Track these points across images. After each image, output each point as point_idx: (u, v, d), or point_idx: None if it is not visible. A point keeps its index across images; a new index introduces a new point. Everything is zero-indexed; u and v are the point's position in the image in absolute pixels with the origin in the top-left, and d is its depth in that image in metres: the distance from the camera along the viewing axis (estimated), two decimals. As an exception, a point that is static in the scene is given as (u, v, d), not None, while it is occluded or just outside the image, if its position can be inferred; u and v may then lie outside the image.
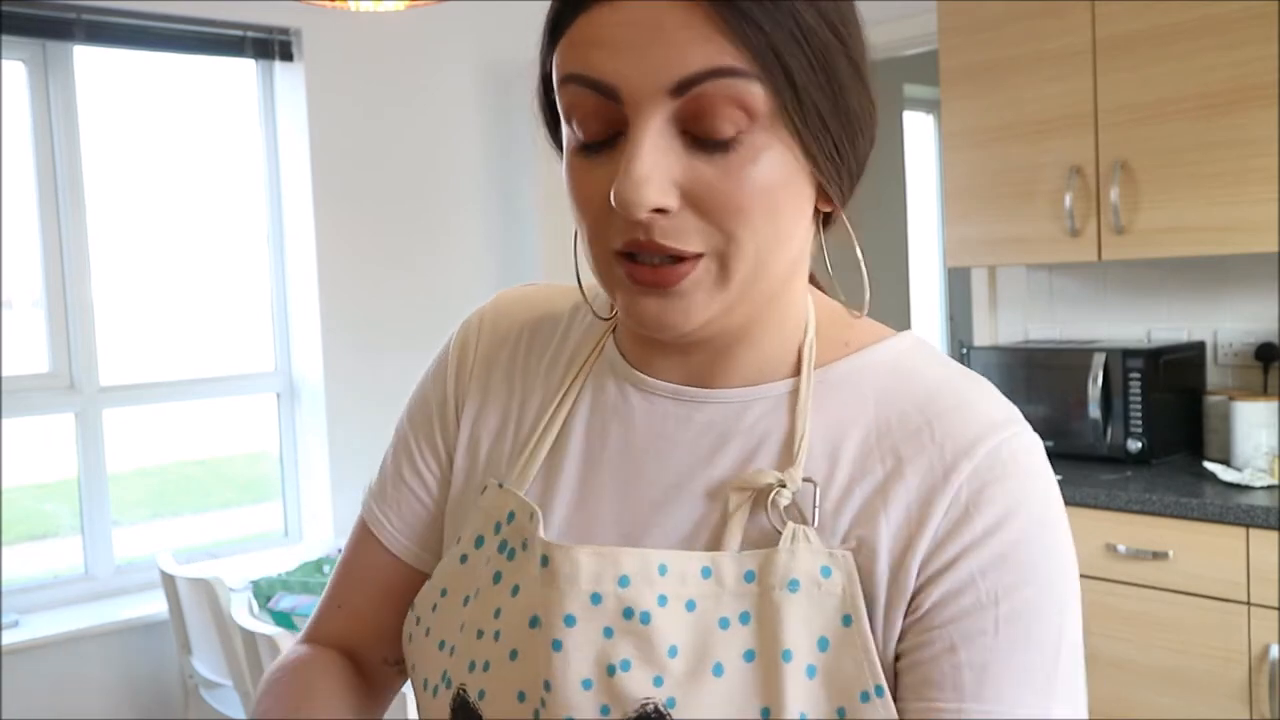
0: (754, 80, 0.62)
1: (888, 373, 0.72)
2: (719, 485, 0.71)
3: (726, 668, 0.66)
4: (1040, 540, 0.67)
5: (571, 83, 0.65)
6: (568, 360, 0.80)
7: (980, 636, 0.65)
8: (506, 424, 0.80)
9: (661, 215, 0.64)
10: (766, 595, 0.66)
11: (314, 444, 3.52)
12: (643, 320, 0.67)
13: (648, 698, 0.66)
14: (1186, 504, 2.41)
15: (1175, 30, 2.62)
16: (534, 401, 0.79)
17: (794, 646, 0.65)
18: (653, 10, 0.62)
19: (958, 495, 0.66)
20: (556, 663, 0.67)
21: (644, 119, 0.63)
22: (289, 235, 3.53)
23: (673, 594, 0.67)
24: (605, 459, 0.75)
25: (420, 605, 0.79)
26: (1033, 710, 0.64)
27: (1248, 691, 2.35)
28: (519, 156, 3.81)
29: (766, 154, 0.64)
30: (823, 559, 0.66)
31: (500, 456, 0.79)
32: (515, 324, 0.84)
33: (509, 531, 0.74)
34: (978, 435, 0.68)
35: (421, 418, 0.85)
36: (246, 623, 2.32)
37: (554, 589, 0.69)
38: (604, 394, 0.77)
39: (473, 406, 0.82)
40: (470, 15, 3.64)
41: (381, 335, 3.55)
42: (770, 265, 0.67)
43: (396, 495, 0.85)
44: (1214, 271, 2.94)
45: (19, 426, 3.13)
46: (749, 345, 0.72)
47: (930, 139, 5.27)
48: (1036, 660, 0.65)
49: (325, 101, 3.43)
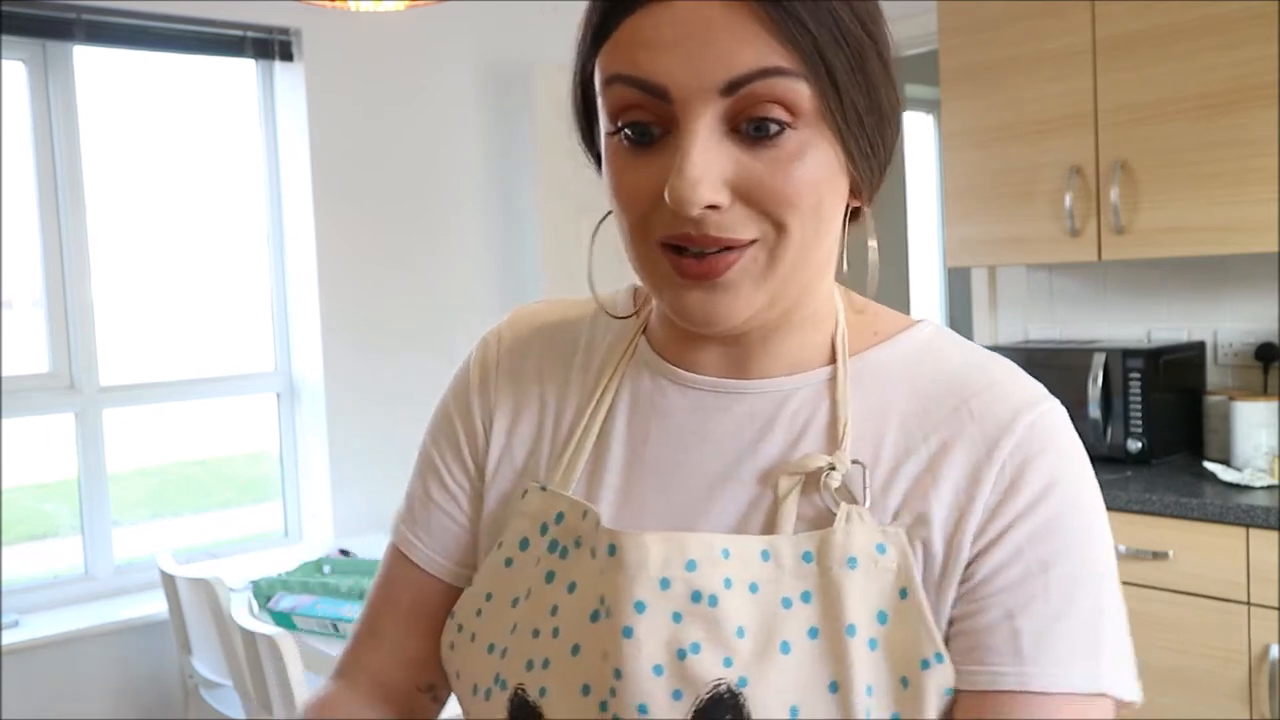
0: (800, 79, 0.64)
1: (917, 359, 0.75)
2: (767, 471, 0.73)
3: (793, 645, 0.68)
4: (1079, 509, 0.70)
5: (619, 82, 0.67)
6: (600, 363, 0.81)
7: (1032, 603, 0.67)
8: (542, 431, 0.81)
9: (713, 211, 0.66)
10: (826, 574, 0.69)
11: (314, 444, 3.52)
12: (689, 314, 0.69)
13: (719, 679, 0.67)
14: (1186, 504, 2.41)
15: (1175, 30, 2.62)
16: (569, 406, 0.81)
17: (856, 621, 0.68)
18: (701, 11, 0.64)
19: (1003, 469, 0.69)
20: (628, 650, 0.68)
21: (694, 118, 0.65)
22: (289, 235, 3.53)
23: (736, 577, 0.69)
24: (648, 454, 0.76)
25: (462, 612, 0.79)
26: (1085, 672, 0.67)
27: (1248, 691, 2.35)
28: (519, 156, 3.81)
29: (811, 149, 0.66)
30: (877, 536, 0.69)
31: (538, 462, 0.80)
32: (536, 335, 0.85)
33: (558, 531, 0.75)
34: (1015, 411, 0.71)
35: (447, 436, 0.85)
36: (246, 623, 2.32)
37: (622, 576, 0.70)
38: (641, 391, 0.79)
39: (504, 419, 0.83)
40: (470, 15, 3.64)
41: (381, 335, 3.55)
42: (811, 257, 0.70)
43: (426, 515, 0.85)
44: (1214, 271, 2.94)
45: (19, 426, 3.13)
46: (784, 336, 0.75)
47: (930, 139, 5.27)
48: (1082, 624, 0.68)
49: (325, 101, 3.43)
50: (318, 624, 2.41)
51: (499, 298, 3.80)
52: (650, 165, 0.67)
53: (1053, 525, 0.68)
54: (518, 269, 3.84)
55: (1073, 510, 0.69)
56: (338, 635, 2.38)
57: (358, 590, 2.50)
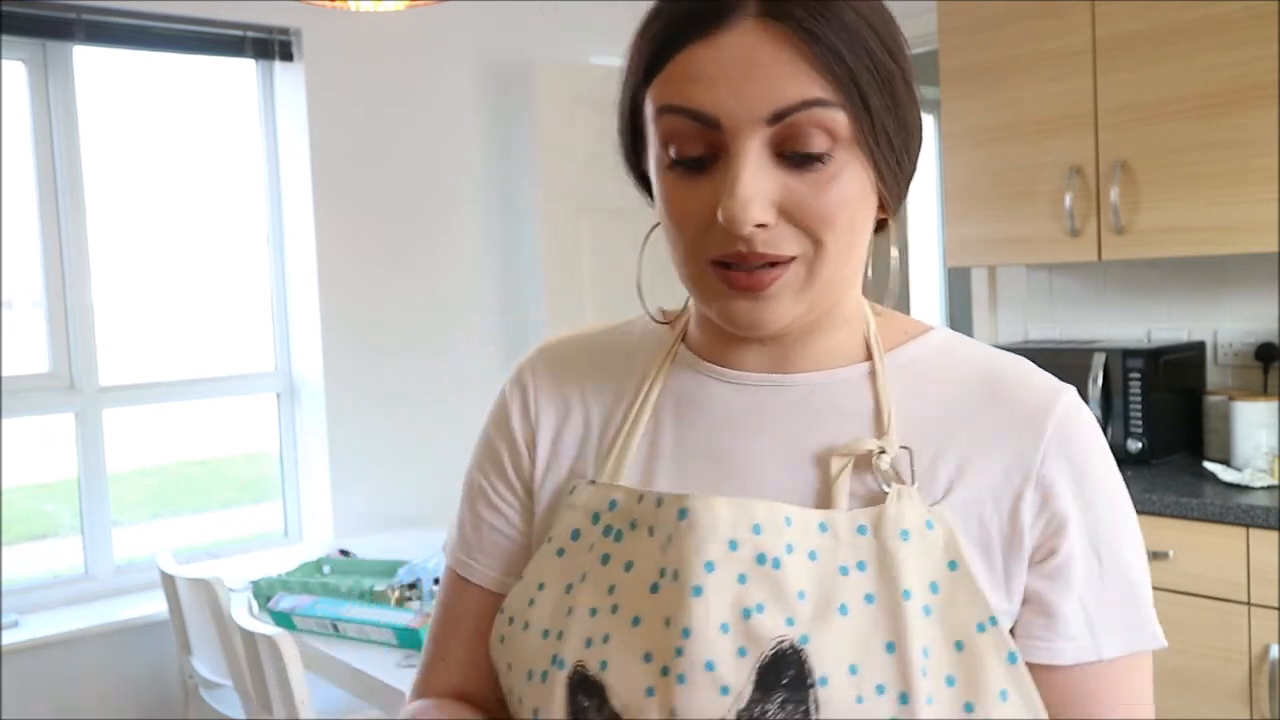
0: (838, 109, 0.72)
1: (947, 354, 0.83)
2: (818, 454, 0.79)
3: (851, 608, 0.73)
4: (1117, 483, 0.79)
5: (671, 113, 0.73)
6: (642, 368, 0.87)
7: (1096, 580, 0.76)
8: (588, 436, 0.86)
9: (761, 230, 0.72)
10: (882, 545, 0.74)
11: (314, 444, 3.52)
12: (736, 320, 0.76)
13: (782, 637, 0.72)
14: (1186, 504, 2.41)
15: (1175, 30, 2.62)
16: (615, 408, 0.86)
17: (911, 587, 0.73)
18: (746, 48, 0.71)
19: (1048, 449, 0.77)
20: (697, 608, 0.72)
21: (743, 145, 0.72)
22: (289, 235, 3.53)
23: (798, 544, 0.75)
24: (699, 442, 0.82)
25: (513, 605, 0.82)
26: (1148, 634, 0.77)
27: (1248, 691, 2.35)
28: (519, 156, 3.81)
29: (847, 171, 0.73)
30: (925, 514, 0.75)
31: (586, 462, 0.85)
32: (572, 351, 0.91)
33: (612, 517, 0.80)
34: (1049, 399, 0.79)
35: (491, 461, 0.89)
36: (246, 623, 2.32)
37: (694, 537, 0.75)
38: (685, 388, 0.84)
39: (548, 432, 0.87)
40: (470, 15, 3.64)
41: (381, 335, 3.55)
42: (844, 268, 0.77)
43: (478, 536, 0.89)
44: (1214, 271, 2.94)
45: (19, 426, 3.13)
46: (820, 336, 0.81)
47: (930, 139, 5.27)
48: (1138, 590, 0.78)
49: (325, 101, 3.43)
50: (318, 624, 2.41)
51: (499, 298, 3.80)
52: (701, 189, 0.74)
53: (1096, 503, 0.77)
54: (518, 269, 3.84)
55: (1115, 484, 0.79)
56: (338, 635, 2.38)
57: (358, 590, 2.50)
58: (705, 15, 0.72)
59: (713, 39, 0.71)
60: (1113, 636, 0.76)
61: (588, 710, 0.75)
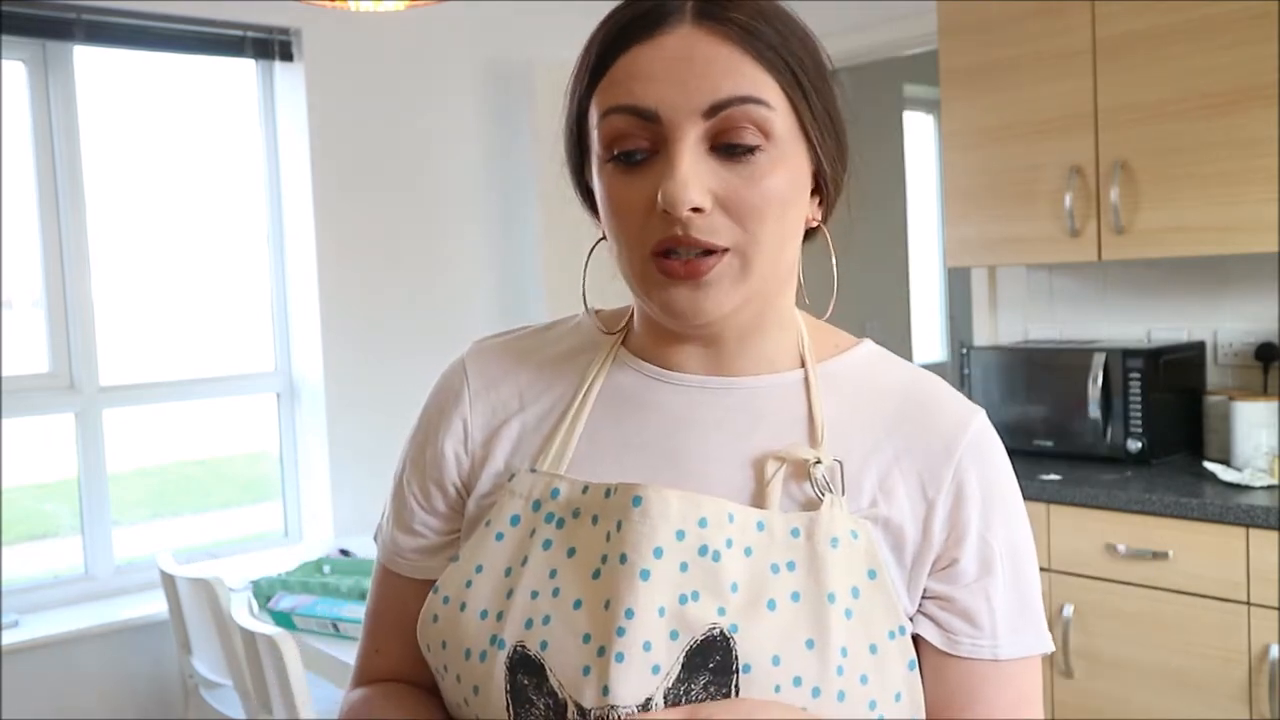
0: (770, 108, 0.77)
1: (870, 370, 0.88)
2: (754, 458, 0.83)
3: (778, 604, 0.77)
4: (1015, 499, 0.85)
5: (614, 113, 0.78)
6: (582, 367, 0.90)
7: (996, 585, 0.82)
8: (524, 428, 0.88)
9: (698, 215, 0.76)
10: (813, 548, 0.79)
11: (314, 444, 3.52)
12: (675, 309, 0.79)
13: (714, 624, 0.76)
14: (1186, 504, 2.41)
15: (1175, 30, 2.61)
16: (554, 404, 0.88)
17: (835, 590, 0.78)
18: (685, 47, 0.76)
19: (960, 465, 0.82)
20: (643, 591, 0.76)
21: (681, 136, 0.76)
22: (289, 235, 3.53)
23: (737, 539, 0.79)
24: (642, 440, 0.85)
25: (448, 585, 0.84)
26: (1041, 639, 0.84)
27: (1248, 691, 2.35)
28: (519, 156, 3.81)
29: (779, 168, 0.78)
30: (851, 524, 0.80)
31: (523, 454, 0.87)
32: (504, 351, 0.93)
33: (554, 505, 0.83)
34: (963, 420, 0.85)
35: (422, 459, 0.92)
36: (246, 623, 2.32)
37: (646, 524, 0.78)
38: (626, 388, 0.88)
39: (481, 427, 0.89)
40: (470, 15, 3.64)
41: (381, 335, 3.55)
42: (778, 264, 0.81)
43: (407, 531, 0.92)
44: (1214, 271, 2.94)
45: (19, 426, 3.13)
46: (757, 339, 0.85)
47: (930, 139, 5.27)
48: (1032, 597, 0.84)
49: (325, 101, 3.43)
50: (317, 624, 2.41)
51: (499, 298, 3.81)
52: (642, 181, 0.78)
53: (1001, 515, 0.83)
54: (517, 269, 3.84)
55: (1012, 501, 0.85)
56: (338, 635, 2.38)
57: (358, 590, 2.50)
58: (646, 19, 0.78)
59: (654, 40, 0.77)
60: (1009, 639, 0.82)
61: (527, 689, 0.78)
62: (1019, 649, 0.82)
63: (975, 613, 0.81)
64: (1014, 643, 0.82)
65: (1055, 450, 2.89)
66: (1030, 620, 0.83)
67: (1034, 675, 0.84)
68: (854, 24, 3.51)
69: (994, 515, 0.82)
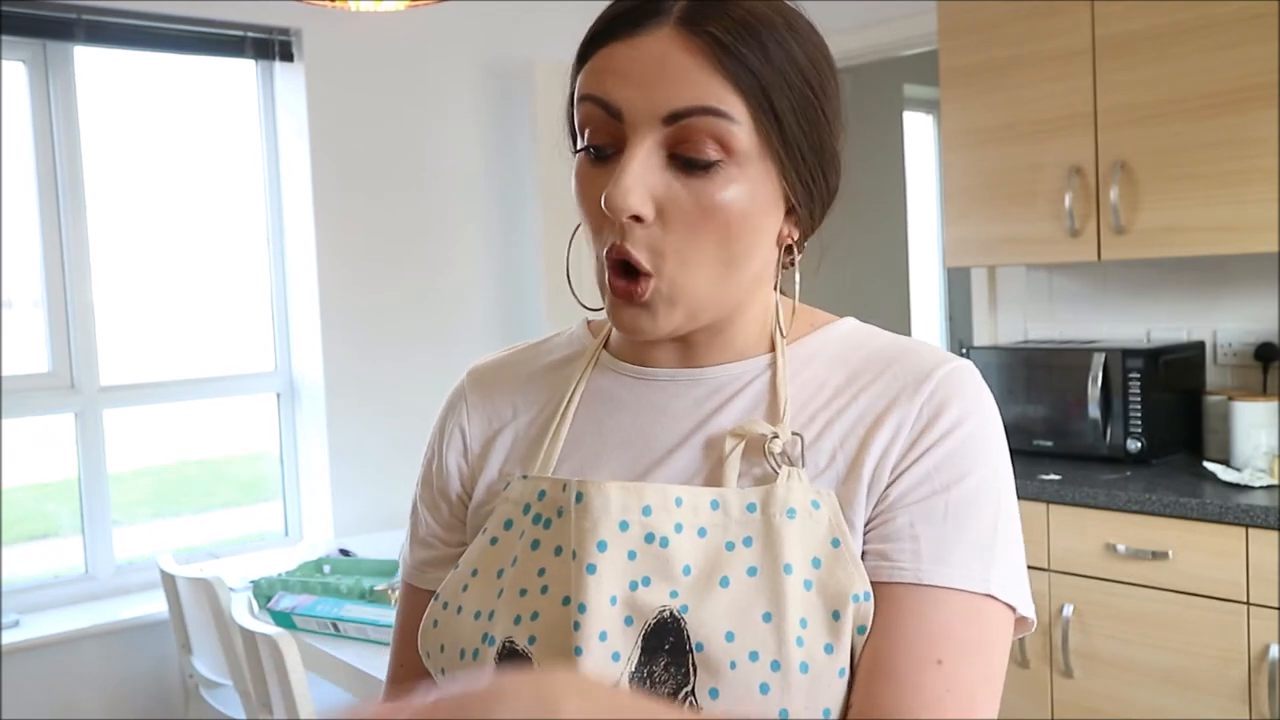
0: (735, 122, 0.76)
1: (847, 341, 0.88)
2: (717, 437, 0.84)
3: (732, 580, 0.77)
4: (983, 440, 0.81)
5: (587, 101, 0.79)
6: (568, 374, 0.93)
7: (933, 515, 0.78)
8: (518, 439, 0.92)
9: (637, 224, 0.77)
10: (768, 522, 0.79)
11: (314, 444, 3.52)
12: (622, 325, 0.82)
13: (664, 606, 0.77)
14: (1186, 504, 2.41)
15: (1175, 30, 2.62)
16: (542, 412, 0.92)
17: (793, 561, 0.77)
18: (660, 51, 0.76)
19: (922, 410, 0.81)
20: (590, 584, 0.78)
21: (639, 139, 0.77)
22: (289, 235, 3.53)
23: (687, 522, 0.80)
24: (613, 433, 0.88)
25: (447, 591, 0.87)
26: (974, 576, 0.77)
27: (1248, 691, 2.35)
28: (519, 156, 3.81)
29: (736, 185, 0.77)
30: (811, 494, 0.80)
31: (515, 462, 0.91)
32: (499, 371, 0.97)
33: (541, 506, 0.85)
34: (934, 365, 0.83)
35: (433, 481, 0.96)
36: (246, 623, 2.32)
37: (588, 520, 0.80)
38: (605, 389, 0.90)
39: (481, 445, 0.93)
40: (470, 15, 3.64)
41: (381, 335, 3.55)
42: (729, 279, 0.80)
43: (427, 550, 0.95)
44: (1214, 271, 2.94)
45: (19, 426, 3.13)
46: (729, 332, 0.86)
47: (930, 139, 5.27)
48: (977, 537, 0.78)
49: (325, 101, 3.43)
50: (318, 624, 2.41)
51: (499, 298, 3.81)
52: (601, 178, 0.79)
53: (957, 451, 0.80)
54: (518, 268, 3.84)
55: (976, 444, 0.80)
56: (338, 635, 2.38)
57: (358, 590, 2.50)
58: (631, 16, 0.78)
59: (633, 39, 0.77)
60: (933, 566, 0.77)
61: None
62: (954, 581, 0.76)
63: (898, 536, 0.78)
64: (947, 574, 0.76)
65: (1055, 450, 2.89)
66: (974, 557, 0.77)
67: (983, 624, 0.77)
68: (854, 24, 3.51)
69: (952, 453, 0.79)
